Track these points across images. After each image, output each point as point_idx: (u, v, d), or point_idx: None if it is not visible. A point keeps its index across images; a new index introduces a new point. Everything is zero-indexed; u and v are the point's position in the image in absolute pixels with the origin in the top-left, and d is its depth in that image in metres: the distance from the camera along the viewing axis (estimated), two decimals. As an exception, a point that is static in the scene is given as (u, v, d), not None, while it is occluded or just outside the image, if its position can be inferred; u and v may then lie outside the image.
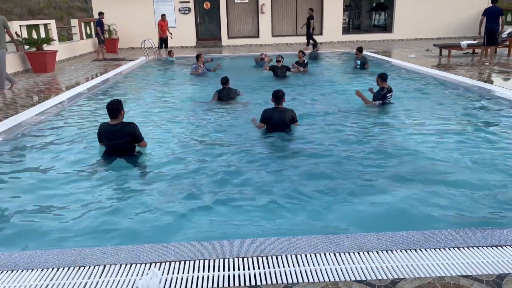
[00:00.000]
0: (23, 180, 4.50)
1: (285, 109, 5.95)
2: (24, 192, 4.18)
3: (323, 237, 2.91)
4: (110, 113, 4.88)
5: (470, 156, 4.84)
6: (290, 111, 5.97)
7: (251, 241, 2.89)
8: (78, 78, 11.43)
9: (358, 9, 23.03)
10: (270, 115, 5.88)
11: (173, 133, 6.21)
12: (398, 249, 2.76)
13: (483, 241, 2.83)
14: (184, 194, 4.02)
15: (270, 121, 5.88)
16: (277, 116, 5.85)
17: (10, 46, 12.39)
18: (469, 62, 12.63)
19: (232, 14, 20.67)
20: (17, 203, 3.95)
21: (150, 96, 9.13)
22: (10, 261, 2.74)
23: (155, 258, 2.73)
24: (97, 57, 16.26)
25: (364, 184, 4.17)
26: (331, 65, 13.79)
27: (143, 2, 19.85)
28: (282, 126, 5.87)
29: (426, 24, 20.77)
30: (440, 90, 8.84)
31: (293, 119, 5.96)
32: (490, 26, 11.64)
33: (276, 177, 4.38)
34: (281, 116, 5.85)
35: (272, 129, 5.89)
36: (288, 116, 5.90)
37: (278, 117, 5.84)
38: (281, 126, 5.86)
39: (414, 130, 5.98)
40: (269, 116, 5.88)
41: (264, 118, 5.92)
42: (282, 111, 5.90)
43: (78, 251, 2.84)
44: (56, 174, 4.63)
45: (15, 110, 7.57)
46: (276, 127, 5.87)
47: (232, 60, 15.42)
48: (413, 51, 15.83)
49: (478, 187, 4.00)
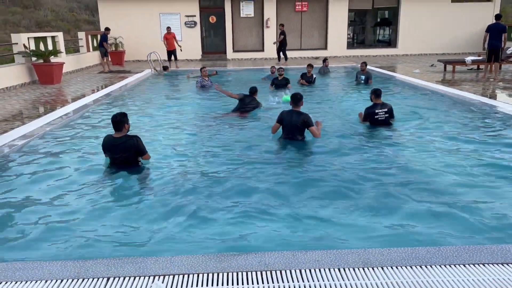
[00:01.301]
0: (27, 190, 4.51)
1: (300, 113, 6.18)
2: (28, 203, 4.19)
3: (327, 252, 2.89)
4: (114, 125, 4.91)
5: (475, 173, 4.82)
6: (304, 115, 6.14)
7: (255, 255, 2.88)
8: (84, 90, 11.52)
9: (362, 24, 23.23)
10: (284, 116, 6.23)
11: (177, 145, 6.23)
12: (403, 265, 2.74)
13: (489, 259, 2.80)
14: (188, 206, 4.02)
15: (283, 122, 6.22)
16: (290, 118, 6.14)
17: (19, 58, 12.59)
18: (474, 78, 12.66)
19: (238, 28, 20.89)
20: (21, 214, 3.95)
21: (155, 109, 9.19)
22: (14, 272, 2.73)
23: (158, 271, 2.72)
24: (103, 70, 16.42)
25: (369, 199, 4.16)
26: (335, 79, 13.86)
27: (150, 16, 20.10)
28: (294, 129, 6.11)
29: (431, 39, 20.90)
30: (444, 106, 8.85)
31: (305, 123, 6.10)
32: (493, 42, 11.70)
33: (280, 191, 4.38)
34: (294, 118, 6.11)
35: (285, 130, 6.22)
36: (301, 120, 6.08)
37: (290, 119, 6.13)
38: (293, 128, 6.11)
39: (419, 146, 5.95)
40: (283, 117, 6.23)
41: (279, 118, 6.28)
42: (297, 114, 6.15)
43: (82, 262, 2.83)
44: (60, 185, 4.65)
45: (21, 121, 7.63)
46: (288, 129, 6.16)
47: (237, 73, 15.57)
48: (418, 66, 15.90)
49: (484, 204, 3.99)
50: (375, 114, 6.93)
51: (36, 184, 4.69)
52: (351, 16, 21.84)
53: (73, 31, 29.95)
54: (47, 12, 36.45)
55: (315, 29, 21.33)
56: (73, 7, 39.80)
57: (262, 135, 6.71)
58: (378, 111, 6.91)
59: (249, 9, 20.63)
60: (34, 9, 36.77)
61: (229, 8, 20.43)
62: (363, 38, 23.26)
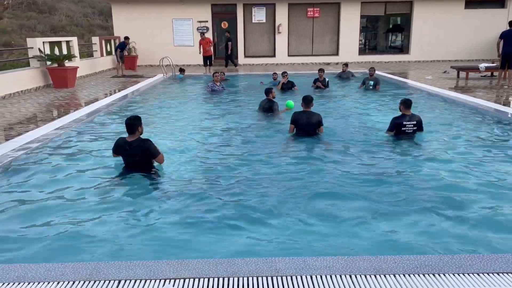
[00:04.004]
0: (39, 193, 4.56)
1: (312, 112, 6.65)
2: (40, 206, 4.23)
3: (339, 259, 2.87)
4: (128, 128, 4.95)
5: (490, 181, 4.76)
6: (317, 115, 6.64)
7: (265, 260, 2.87)
8: (97, 94, 11.65)
9: (374, 30, 23.16)
10: (298, 117, 6.61)
11: (189, 149, 6.26)
12: (416, 273, 2.71)
13: (504, 268, 2.76)
14: (200, 210, 4.03)
15: (298, 122, 6.60)
16: (305, 118, 6.57)
17: (34, 62, 12.79)
18: (487, 85, 12.52)
19: (249, 33, 20.98)
20: (34, 216, 4.00)
21: (167, 112, 9.25)
22: (27, 273, 2.76)
23: (170, 274, 2.72)
24: (116, 74, 16.60)
25: (381, 206, 4.12)
26: (344, 84, 13.82)
27: (163, 21, 20.29)
28: (309, 128, 6.58)
29: (443, 46, 20.76)
30: (458, 113, 8.76)
31: (319, 123, 6.60)
32: (507, 49, 11.58)
33: (292, 196, 4.37)
34: (308, 118, 6.56)
35: (300, 130, 6.62)
36: (315, 119, 6.57)
37: (305, 119, 6.56)
38: (308, 128, 6.58)
39: (432, 154, 5.87)
40: (297, 117, 6.61)
41: (293, 119, 6.64)
42: (310, 114, 6.62)
43: (94, 265, 2.85)
44: (72, 188, 4.68)
45: (35, 124, 7.74)
46: (303, 129, 6.59)
47: (246, 78, 15.64)
48: (430, 72, 15.78)
49: (497, 213, 3.93)
50: (402, 125, 6.50)
51: (48, 187, 4.73)
52: (363, 22, 21.79)
53: (87, 36, 30.33)
54: (62, 17, 36.98)
55: (327, 35, 21.32)
56: (87, 13, 40.33)
57: (273, 139, 6.71)
58: (406, 123, 6.48)
59: (261, 15, 20.71)
60: (49, 14, 37.34)
61: (241, 13, 20.53)
62: (375, 44, 23.18)
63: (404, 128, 6.51)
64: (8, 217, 3.96)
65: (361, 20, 21.23)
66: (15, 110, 9.20)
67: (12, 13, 33.42)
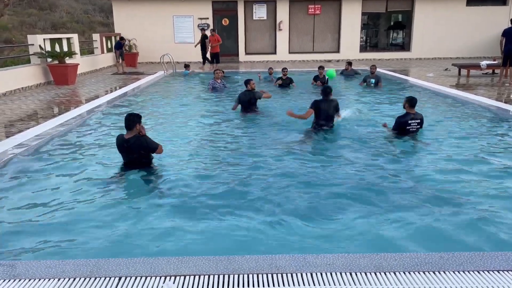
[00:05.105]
0: (39, 190, 4.56)
1: (331, 100, 7.11)
2: (41, 203, 4.24)
3: (339, 256, 2.87)
4: (125, 123, 4.95)
5: (490, 179, 4.76)
6: (335, 101, 7.17)
7: (266, 257, 2.87)
8: (98, 91, 11.65)
9: (376, 27, 23.09)
10: (319, 104, 6.99)
11: (189, 146, 6.26)
12: (416, 271, 2.70)
13: (504, 265, 2.76)
14: (199, 208, 4.03)
15: (319, 109, 6.95)
16: (326, 105, 6.98)
17: (35, 58, 12.78)
18: (489, 82, 12.50)
19: (250, 30, 20.94)
20: (35, 213, 4.00)
21: (167, 110, 9.24)
22: (28, 270, 2.77)
23: (170, 271, 2.73)
24: (117, 71, 16.59)
25: (382, 204, 4.12)
26: (345, 81, 13.79)
27: (163, 18, 20.27)
28: (329, 115, 7.00)
29: (445, 43, 20.72)
30: (459, 110, 8.75)
31: (337, 107, 7.16)
32: (508, 47, 11.55)
33: (293, 193, 4.36)
34: (329, 105, 7.00)
35: (320, 116, 6.97)
36: (334, 104, 7.07)
37: (326, 106, 6.98)
38: (328, 114, 6.99)
39: (433, 152, 5.86)
40: (318, 104, 6.98)
41: (314, 106, 6.98)
42: (330, 101, 7.07)
43: (94, 261, 2.85)
44: (72, 185, 4.69)
45: (36, 121, 7.74)
46: (325, 116, 6.97)
47: (247, 75, 15.59)
48: (431, 70, 15.76)
49: (499, 210, 3.93)
50: (407, 124, 6.41)
51: (48, 183, 4.74)
52: (364, 19, 21.73)
53: (87, 33, 30.29)
54: (63, 14, 36.91)
55: (328, 32, 21.28)
56: (88, 10, 40.26)
57: (276, 135, 6.71)
58: (411, 121, 6.41)
59: (261, 12, 20.67)
60: (50, 11, 37.27)
61: (242, 10, 20.50)
62: (376, 41, 23.12)
63: (409, 127, 6.44)
64: (7, 214, 3.97)
65: (362, 17, 21.18)
66: (16, 107, 9.21)
67: (12, 10, 33.36)
